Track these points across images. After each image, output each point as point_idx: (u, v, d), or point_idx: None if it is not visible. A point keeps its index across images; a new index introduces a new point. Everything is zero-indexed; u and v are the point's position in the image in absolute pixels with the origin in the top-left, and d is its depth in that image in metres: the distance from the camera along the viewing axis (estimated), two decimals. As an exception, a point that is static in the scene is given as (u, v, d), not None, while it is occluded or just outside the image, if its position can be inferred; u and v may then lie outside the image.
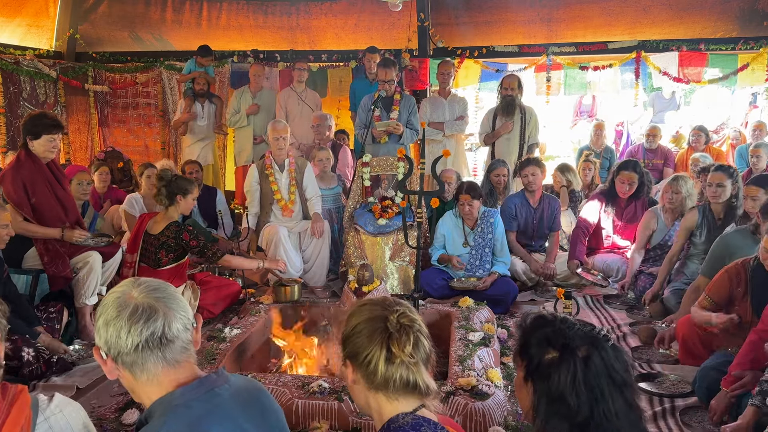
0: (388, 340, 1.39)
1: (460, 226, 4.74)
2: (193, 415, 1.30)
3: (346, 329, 1.48)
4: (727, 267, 3.16)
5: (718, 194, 4.08)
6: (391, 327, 1.41)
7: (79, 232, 3.94)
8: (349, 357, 1.45)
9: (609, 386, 1.29)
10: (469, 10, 7.47)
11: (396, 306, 1.46)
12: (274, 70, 7.57)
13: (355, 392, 1.49)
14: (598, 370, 1.30)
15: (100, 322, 1.35)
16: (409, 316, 1.44)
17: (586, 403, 1.28)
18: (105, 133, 7.96)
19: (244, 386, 1.44)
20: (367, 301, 1.53)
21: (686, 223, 4.27)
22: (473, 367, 2.98)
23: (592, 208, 5.13)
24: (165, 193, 4.06)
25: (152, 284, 1.39)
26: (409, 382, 1.39)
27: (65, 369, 3.46)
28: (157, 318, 1.32)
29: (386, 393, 1.41)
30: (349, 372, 1.46)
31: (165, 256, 4.04)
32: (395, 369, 1.39)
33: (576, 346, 1.32)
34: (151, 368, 1.33)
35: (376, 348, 1.40)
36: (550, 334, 1.36)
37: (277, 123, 5.29)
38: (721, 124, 8.35)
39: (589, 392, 1.28)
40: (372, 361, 1.39)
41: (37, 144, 3.81)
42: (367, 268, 4.01)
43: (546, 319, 1.41)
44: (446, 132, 6.28)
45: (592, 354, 1.31)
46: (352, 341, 1.44)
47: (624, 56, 7.03)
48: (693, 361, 3.28)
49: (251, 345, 3.61)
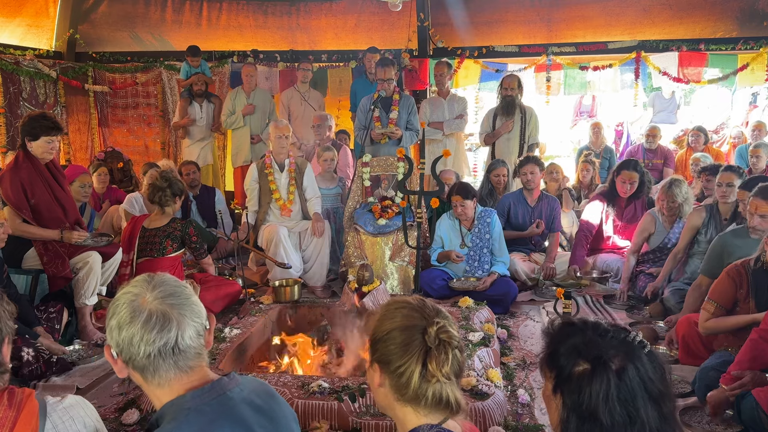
0: (425, 355, 1.32)
1: (457, 228, 4.74)
2: (205, 419, 1.28)
3: (377, 331, 1.40)
4: (727, 269, 3.13)
5: (727, 194, 4.08)
6: (429, 342, 1.33)
7: (78, 233, 3.94)
8: (379, 362, 1.38)
9: (644, 399, 1.20)
10: (468, 10, 7.48)
11: (436, 317, 1.37)
12: (274, 70, 7.57)
13: (380, 396, 1.42)
14: (633, 384, 1.20)
15: (113, 323, 1.32)
16: (449, 332, 1.36)
17: (620, 420, 1.19)
18: (105, 133, 7.96)
19: (255, 390, 1.42)
20: (403, 303, 1.43)
21: (692, 221, 4.27)
22: (473, 367, 2.98)
23: (594, 211, 5.13)
24: (170, 194, 4.26)
25: (167, 289, 1.35)
26: (441, 400, 1.34)
27: (65, 369, 3.46)
28: (171, 328, 1.30)
29: (416, 407, 1.35)
30: (377, 376, 1.39)
31: (170, 245, 4.25)
32: (429, 387, 1.33)
33: (609, 357, 1.22)
34: (163, 374, 1.32)
35: (411, 361, 1.32)
36: (580, 344, 1.26)
37: (279, 122, 5.32)
38: (721, 124, 8.35)
39: (623, 408, 1.19)
40: (405, 374, 1.33)
41: (35, 145, 3.81)
42: (367, 268, 4.00)
43: (576, 326, 1.30)
44: (445, 131, 6.28)
45: (627, 366, 1.21)
46: (384, 347, 1.37)
47: (624, 56, 7.03)
48: (693, 361, 3.28)
49: (251, 345, 3.61)
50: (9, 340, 1.53)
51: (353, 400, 2.69)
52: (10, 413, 1.37)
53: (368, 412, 2.63)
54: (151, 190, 4.29)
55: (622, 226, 5.12)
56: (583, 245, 5.07)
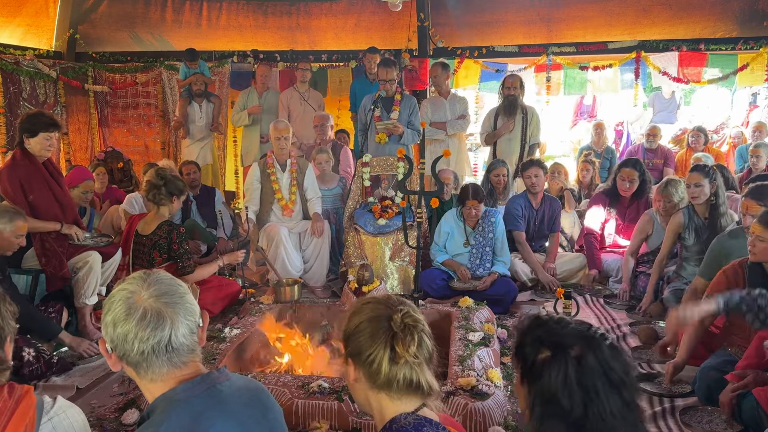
0: (392, 339, 1.39)
1: (462, 226, 4.75)
2: (195, 410, 1.31)
3: (348, 327, 1.48)
4: (724, 268, 3.15)
5: (696, 194, 4.09)
6: (395, 327, 1.40)
7: (77, 228, 3.95)
8: (351, 356, 1.45)
9: (605, 386, 1.26)
10: (469, 10, 7.47)
11: (400, 305, 1.46)
12: (274, 70, 7.57)
13: (357, 391, 1.48)
14: (592, 370, 1.27)
15: (108, 319, 1.35)
16: (414, 316, 1.44)
17: (579, 403, 1.25)
18: (105, 133, 7.96)
19: (245, 385, 1.46)
20: (369, 299, 1.52)
21: (672, 225, 4.27)
22: (473, 367, 2.98)
23: (596, 215, 5.13)
24: (165, 192, 4.07)
25: (162, 287, 1.39)
26: (412, 382, 1.40)
27: (65, 369, 3.46)
28: (164, 327, 1.33)
29: (389, 393, 1.41)
30: (351, 371, 1.45)
31: (159, 256, 4.03)
32: (399, 369, 1.39)
33: (568, 345, 1.30)
34: (156, 370, 1.35)
35: (379, 348, 1.40)
36: (543, 334, 1.34)
37: (278, 122, 5.31)
38: (720, 124, 8.35)
39: (583, 392, 1.25)
40: (375, 360, 1.39)
41: (33, 142, 3.81)
42: (367, 268, 4.01)
43: (541, 319, 1.40)
44: (449, 131, 6.27)
45: (586, 353, 1.28)
46: (355, 340, 1.44)
47: (624, 56, 7.03)
48: (693, 360, 3.27)
49: (251, 345, 3.61)
50: (11, 339, 1.56)
51: (353, 400, 2.69)
52: (9, 403, 1.41)
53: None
54: (147, 188, 4.16)
55: (625, 225, 5.12)
56: (595, 247, 5.08)
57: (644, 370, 3.35)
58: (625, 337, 3.89)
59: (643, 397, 3.03)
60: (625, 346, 3.76)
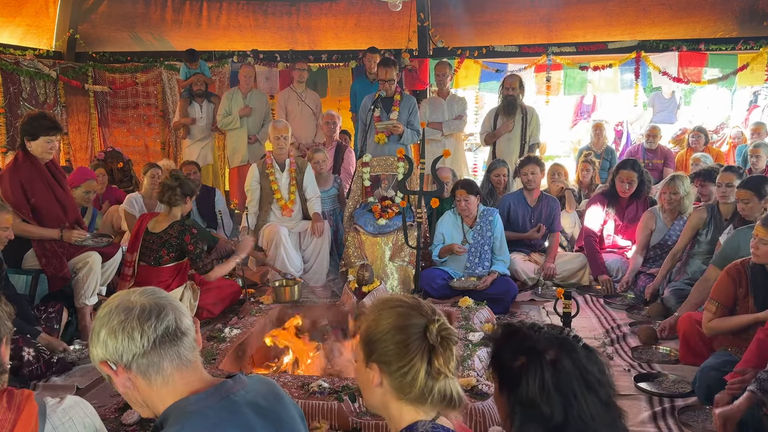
0: (429, 353, 1.32)
1: (459, 225, 4.75)
2: (208, 423, 1.26)
3: (372, 330, 1.38)
4: (727, 268, 3.14)
5: (727, 194, 4.09)
6: (431, 339, 1.32)
7: (78, 232, 3.93)
8: (378, 362, 1.36)
9: (581, 388, 1.26)
10: (469, 10, 7.48)
11: (434, 315, 1.37)
12: (273, 70, 7.57)
13: (374, 395, 1.39)
14: (568, 373, 1.27)
15: (103, 335, 1.28)
16: (449, 329, 1.37)
17: (558, 407, 1.25)
18: (105, 133, 7.96)
19: (261, 392, 1.39)
20: (396, 302, 1.41)
21: (693, 221, 4.28)
22: (473, 367, 2.98)
23: (595, 215, 5.13)
24: (179, 193, 4.08)
25: (147, 289, 1.36)
26: (446, 396, 1.34)
27: (65, 369, 3.46)
28: (167, 313, 1.30)
29: (418, 405, 1.35)
30: (374, 375, 1.36)
31: (167, 254, 4.03)
32: (435, 383, 1.33)
33: (543, 349, 1.29)
34: (166, 367, 1.29)
35: (416, 360, 1.32)
36: (518, 342, 1.34)
37: (277, 122, 5.31)
38: (720, 124, 8.35)
39: (561, 395, 1.25)
40: (410, 373, 1.32)
41: (34, 145, 3.80)
42: (367, 268, 4.01)
43: (514, 327, 1.39)
44: (444, 132, 6.28)
45: (561, 357, 1.28)
46: (382, 346, 1.35)
47: (624, 56, 7.03)
48: (693, 360, 3.28)
49: (251, 345, 3.61)
50: (8, 341, 1.52)
51: (353, 400, 2.69)
52: (9, 415, 1.35)
53: (368, 412, 2.63)
54: (160, 189, 4.14)
55: (624, 226, 5.12)
56: (597, 248, 5.06)
57: (644, 370, 3.35)
58: (625, 337, 3.89)
59: (643, 397, 3.03)
60: (625, 346, 3.76)
